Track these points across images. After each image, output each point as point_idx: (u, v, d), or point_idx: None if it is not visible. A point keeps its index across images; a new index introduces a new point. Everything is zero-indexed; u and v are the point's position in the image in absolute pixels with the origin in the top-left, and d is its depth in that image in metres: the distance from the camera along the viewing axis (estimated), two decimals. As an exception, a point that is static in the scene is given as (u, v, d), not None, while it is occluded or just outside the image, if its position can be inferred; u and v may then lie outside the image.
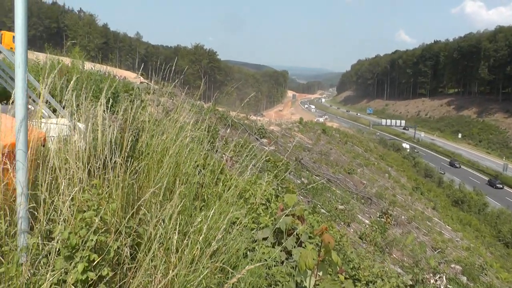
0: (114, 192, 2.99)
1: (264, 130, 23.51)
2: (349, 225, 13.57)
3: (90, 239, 2.42)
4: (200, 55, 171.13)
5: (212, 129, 5.11)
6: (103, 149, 3.17)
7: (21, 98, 2.68)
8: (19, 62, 2.66)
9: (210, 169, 4.37)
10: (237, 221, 3.58)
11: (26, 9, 2.65)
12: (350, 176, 27.79)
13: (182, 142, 3.78)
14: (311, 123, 55.24)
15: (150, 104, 4.79)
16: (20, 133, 2.67)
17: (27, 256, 2.48)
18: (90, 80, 9.55)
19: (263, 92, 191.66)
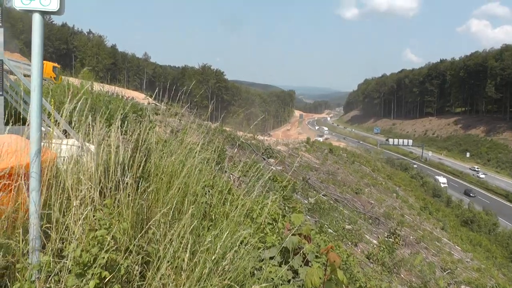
0: (125, 212, 3.06)
1: (271, 150, 23.58)
2: (357, 245, 13.50)
3: (102, 256, 2.48)
4: (208, 75, 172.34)
5: (219, 149, 5.19)
6: (115, 169, 3.26)
7: (35, 121, 2.78)
8: (34, 86, 2.78)
9: (218, 189, 4.43)
10: (244, 240, 3.62)
11: (43, 38, 2.79)
12: (358, 196, 27.70)
13: (191, 163, 3.86)
14: (318, 143, 55.23)
15: (158, 124, 4.89)
16: (34, 156, 2.77)
17: (40, 273, 2.55)
18: (99, 101, 9.72)
19: (270, 112, 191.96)
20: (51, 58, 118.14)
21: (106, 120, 3.91)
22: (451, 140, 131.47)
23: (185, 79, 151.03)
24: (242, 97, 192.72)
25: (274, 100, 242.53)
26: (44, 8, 2.75)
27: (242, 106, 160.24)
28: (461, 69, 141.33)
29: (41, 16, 2.79)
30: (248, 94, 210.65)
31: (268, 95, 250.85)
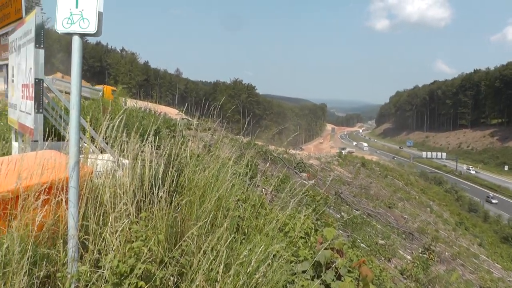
0: (159, 224, 3.13)
1: (304, 164, 23.46)
2: (390, 260, 13.21)
3: (138, 267, 2.55)
4: (239, 90, 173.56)
5: (252, 163, 5.24)
6: (149, 183, 3.35)
7: (74, 138, 2.91)
8: (73, 104, 2.91)
9: (251, 203, 4.46)
10: (277, 254, 3.63)
11: (81, 58, 2.95)
12: (391, 210, 27.15)
13: (223, 177, 3.92)
14: (350, 157, 54.60)
15: (191, 139, 4.98)
16: (72, 170, 2.88)
17: (78, 282, 2.65)
18: (133, 117, 9.98)
19: (302, 126, 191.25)
20: (85, 76, 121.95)
21: (139, 136, 4.03)
22: (487, 152, 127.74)
23: (216, 94, 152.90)
24: (274, 111, 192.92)
25: (306, 113, 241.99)
26: (83, 31, 2.92)
27: (274, 120, 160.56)
28: (497, 79, 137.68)
29: (80, 39, 2.97)
30: (280, 108, 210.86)
31: (300, 108, 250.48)
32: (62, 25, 2.93)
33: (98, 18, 2.92)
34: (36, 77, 4.97)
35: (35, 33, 4.92)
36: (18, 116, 5.86)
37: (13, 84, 6.48)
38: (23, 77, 5.58)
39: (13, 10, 6.35)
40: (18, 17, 6.06)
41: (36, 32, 4.92)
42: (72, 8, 2.93)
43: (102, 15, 2.95)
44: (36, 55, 4.95)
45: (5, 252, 2.63)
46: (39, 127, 4.98)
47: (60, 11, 2.94)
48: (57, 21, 2.94)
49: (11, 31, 6.61)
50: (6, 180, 3.20)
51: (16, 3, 6.18)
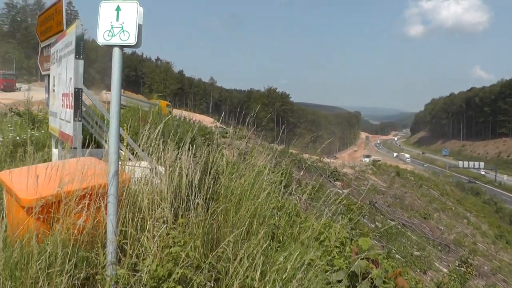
0: (196, 231, 3.18)
1: (338, 173, 23.25)
2: (426, 273, 12.87)
3: (176, 272, 2.60)
4: (273, 98, 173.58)
5: (286, 172, 5.25)
6: (185, 191, 3.41)
7: (113, 146, 3.00)
8: (113, 114, 3.00)
9: (286, 211, 4.47)
10: (312, 263, 3.61)
11: (122, 69, 3.05)
12: (426, 221, 26.47)
13: (259, 185, 3.94)
14: (385, 165, 53.63)
15: (225, 147, 5.04)
16: (112, 177, 2.97)
17: (116, 285, 2.72)
18: (168, 125, 10.13)
19: (336, 134, 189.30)
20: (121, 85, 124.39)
21: (175, 143, 4.10)
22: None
23: (250, 102, 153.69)
24: (308, 119, 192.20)
25: (340, 121, 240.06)
26: (123, 43, 3.01)
27: (308, 129, 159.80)
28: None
29: (120, 50, 3.06)
30: (314, 116, 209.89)
31: (334, 116, 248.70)
32: (103, 37, 3.03)
33: (138, 30, 3.00)
34: (76, 87, 5.13)
35: (75, 44, 5.09)
36: (59, 124, 6.04)
37: (54, 93, 6.70)
38: (64, 86, 5.76)
39: (55, 23, 6.60)
40: (60, 30, 6.29)
41: (76, 44, 5.09)
42: (113, 21, 3.03)
43: (141, 27, 3.03)
44: (76, 66, 5.10)
45: (48, 254, 2.72)
46: (78, 134, 5.13)
47: (102, 24, 3.05)
48: (98, 33, 3.04)
49: (53, 43, 6.87)
50: (49, 185, 3.32)
51: (58, 16, 6.43)
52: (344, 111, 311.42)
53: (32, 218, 3.14)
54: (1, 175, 3.86)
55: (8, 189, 3.60)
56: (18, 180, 3.58)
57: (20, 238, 2.96)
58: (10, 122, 11.33)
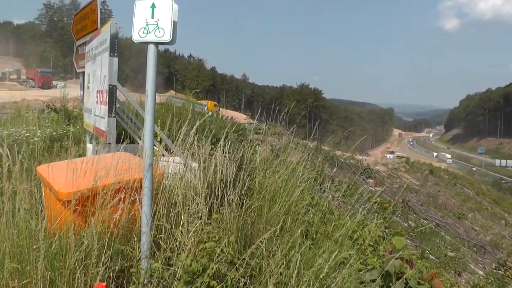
0: (230, 226, 3.19)
1: (370, 170, 22.92)
2: (460, 275, 12.50)
3: (211, 267, 2.61)
4: (306, 94, 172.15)
5: (319, 169, 5.21)
6: (220, 186, 3.42)
7: (148, 141, 3.03)
8: (148, 109, 3.04)
9: (319, 208, 4.43)
10: (345, 261, 3.57)
11: (156, 66, 3.09)
12: (460, 221, 25.75)
13: (294, 182, 3.92)
14: (418, 163, 52.52)
15: (258, 143, 5.03)
16: (146, 171, 3.00)
17: (151, 278, 2.75)
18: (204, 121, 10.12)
19: (368, 131, 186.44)
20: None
21: (207, 139, 4.11)
22: None
23: (283, 98, 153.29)
24: (340, 116, 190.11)
25: (373, 118, 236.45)
26: (158, 40, 3.04)
27: (340, 125, 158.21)
28: None
29: (155, 47, 3.09)
30: (346, 112, 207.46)
31: (367, 113, 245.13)
32: (138, 34, 3.07)
33: (173, 27, 3.02)
34: (110, 84, 5.21)
35: (110, 42, 5.16)
36: (94, 120, 6.17)
37: (89, 90, 6.84)
38: (98, 83, 5.87)
39: (90, 22, 6.74)
40: (94, 28, 6.41)
41: (111, 42, 5.16)
42: (148, 18, 3.06)
43: (176, 24, 3.06)
44: (111, 63, 5.19)
45: (85, 246, 2.80)
46: (112, 130, 5.21)
47: (137, 21, 3.08)
48: (133, 31, 3.08)
49: (88, 41, 7.01)
50: (85, 179, 3.39)
51: (93, 15, 6.56)
52: (377, 107, 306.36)
53: (69, 211, 3.22)
54: (39, 169, 3.96)
55: (46, 182, 3.69)
56: (55, 174, 3.67)
57: (58, 230, 3.03)
58: (47, 118, 11.67)
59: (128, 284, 2.87)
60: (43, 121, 10.71)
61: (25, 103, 15.35)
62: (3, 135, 7.18)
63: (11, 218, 3.00)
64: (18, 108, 13.39)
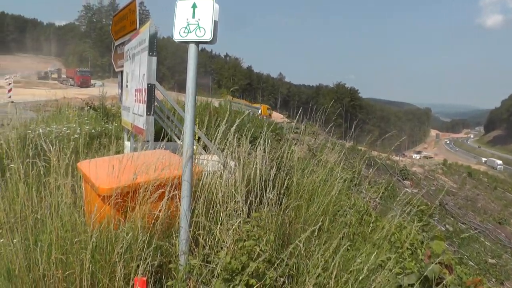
0: (268, 225, 3.19)
1: (407, 171, 22.46)
2: (503, 283, 12.05)
3: (250, 265, 2.61)
4: (342, 93, 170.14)
5: (356, 169, 5.14)
6: (258, 185, 3.42)
7: (188, 138, 3.07)
8: (188, 108, 3.07)
9: (357, 209, 4.37)
10: (382, 264, 3.50)
11: (197, 65, 3.12)
12: (501, 226, 24.87)
13: (331, 182, 3.88)
14: (456, 165, 51.12)
15: (295, 143, 5.01)
16: (186, 168, 3.03)
17: (190, 274, 2.78)
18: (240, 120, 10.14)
19: (405, 131, 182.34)
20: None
21: (243, 137, 4.12)
22: None
23: (319, 97, 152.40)
24: (377, 116, 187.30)
25: (410, 118, 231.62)
26: (199, 39, 3.08)
27: (377, 125, 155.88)
28: None
29: (196, 46, 3.13)
30: (382, 112, 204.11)
31: (404, 113, 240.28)
32: (179, 34, 3.11)
33: (214, 26, 3.05)
34: (149, 82, 5.29)
35: (149, 42, 5.24)
36: (132, 118, 6.27)
37: (127, 89, 6.97)
38: (137, 82, 5.97)
39: (129, 23, 6.86)
40: (133, 29, 6.52)
41: (150, 41, 5.24)
42: (189, 18, 3.10)
43: (217, 23, 3.08)
44: (149, 62, 5.26)
45: (126, 240, 2.86)
46: (150, 128, 5.29)
47: (178, 21, 3.13)
48: (174, 30, 3.12)
49: (126, 41, 7.14)
50: (124, 175, 3.46)
51: (131, 16, 6.67)
52: (413, 107, 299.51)
53: (109, 206, 3.29)
54: (79, 165, 4.07)
55: (86, 178, 3.78)
56: (95, 170, 3.76)
57: (98, 224, 3.11)
58: (86, 116, 12.00)
59: (166, 279, 2.91)
60: (82, 118, 11.03)
61: (65, 101, 15.81)
62: (45, 132, 7.40)
63: (54, 211, 3.10)
64: (59, 106, 13.83)
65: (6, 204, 3.31)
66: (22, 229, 3.21)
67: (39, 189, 3.60)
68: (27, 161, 3.89)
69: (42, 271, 2.91)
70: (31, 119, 10.75)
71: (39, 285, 2.93)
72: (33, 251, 3.03)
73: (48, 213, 3.18)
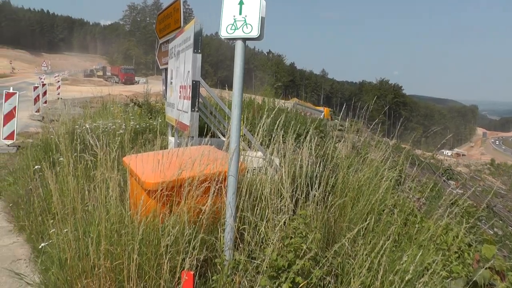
0: (314, 223, 3.16)
1: (452, 171, 21.71)
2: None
3: (297, 263, 2.60)
4: (385, 90, 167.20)
5: (400, 168, 5.03)
6: (304, 182, 3.40)
7: (235, 134, 3.09)
8: (235, 104, 3.09)
9: (402, 209, 4.27)
10: (428, 266, 3.40)
11: (244, 61, 3.14)
12: (558, 232, 23.62)
13: (377, 181, 3.82)
14: (505, 165, 49.06)
15: (341, 140, 4.96)
16: (232, 161, 3.06)
17: (235, 270, 2.81)
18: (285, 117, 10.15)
19: (450, 129, 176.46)
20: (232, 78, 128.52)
21: (291, 134, 4.11)
22: None
23: (362, 94, 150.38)
24: (421, 113, 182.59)
25: (455, 116, 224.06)
26: (246, 35, 3.08)
27: (420, 123, 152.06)
28: None
29: (243, 43, 3.14)
30: (426, 109, 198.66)
31: (448, 110, 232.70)
32: (226, 31, 3.13)
33: (261, 23, 3.04)
34: (194, 79, 5.35)
35: (194, 39, 5.30)
36: (176, 114, 6.37)
37: (172, 86, 7.09)
38: (181, 79, 6.05)
39: (173, 21, 6.96)
40: (177, 27, 6.62)
41: (195, 39, 5.30)
42: (236, 14, 3.11)
43: (264, 20, 3.07)
44: (194, 59, 5.32)
45: (173, 234, 2.91)
46: (194, 124, 5.35)
47: (225, 18, 3.14)
48: (221, 27, 3.14)
49: (171, 39, 7.27)
50: (169, 170, 3.52)
51: (176, 14, 6.77)
52: (459, 104, 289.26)
53: (154, 200, 3.36)
54: (126, 159, 4.17)
55: (132, 172, 3.87)
56: (141, 165, 3.85)
57: (143, 217, 3.17)
58: (131, 112, 12.32)
59: (211, 273, 2.94)
60: (127, 114, 11.33)
61: (110, 97, 16.28)
62: (92, 127, 7.64)
63: (102, 204, 3.20)
64: (104, 102, 14.27)
65: (57, 196, 3.43)
66: (72, 220, 3.33)
67: (86, 182, 3.73)
68: (75, 155, 4.04)
69: (91, 261, 3.01)
70: (78, 115, 11.15)
71: (89, 275, 3.03)
72: (82, 241, 3.14)
73: (95, 205, 3.28)
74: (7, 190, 6.55)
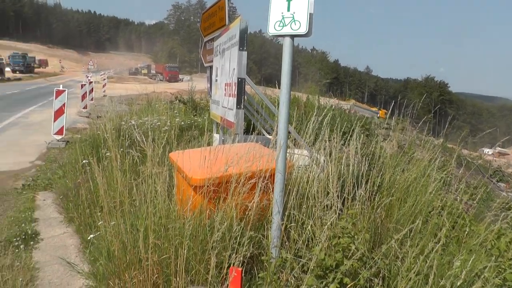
0: (361, 223, 3.12)
1: (502, 173, 20.80)
2: None
3: (345, 263, 2.57)
4: (431, 87, 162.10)
5: (448, 168, 4.89)
6: (351, 182, 3.36)
7: (283, 131, 3.08)
8: (283, 101, 3.08)
9: (451, 212, 4.14)
10: (479, 273, 3.28)
11: (292, 58, 3.13)
12: None
13: (425, 182, 3.72)
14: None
15: (386, 139, 4.88)
16: (279, 158, 3.06)
17: (282, 268, 2.81)
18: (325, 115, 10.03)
19: (500, 128, 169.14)
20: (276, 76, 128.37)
21: (338, 132, 4.07)
22: None
23: (407, 91, 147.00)
24: (467, 111, 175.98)
25: (505, 114, 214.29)
26: (294, 32, 3.06)
27: (467, 121, 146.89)
28: None
29: (291, 40, 3.12)
30: (474, 107, 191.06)
31: (498, 109, 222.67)
32: (274, 28, 3.13)
33: (309, 19, 3.02)
34: (239, 77, 5.37)
35: (239, 37, 5.32)
36: (221, 112, 6.44)
37: (217, 83, 7.16)
38: (226, 76, 6.10)
39: (218, 19, 7.04)
40: (222, 25, 6.69)
41: (240, 37, 5.32)
42: (284, 11, 3.10)
43: (312, 16, 3.05)
44: (240, 57, 5.34)
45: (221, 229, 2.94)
46: (240, 121, 5.38)
47: (273, 15, 3.14)
48: (269, 24, 3.14)
49: (216, 37, 7.34)
50: (215, 166, 3.56)
51: (221, 12, 6.84)
52: (510, 102, 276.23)
53: (200, 195, 3.40)
54: (172, 155, 4.24)
55: (178, 168, 3.94)
56: (187, 161, 3.90)
57: (190, 213, 3.23)
58: (175, 109, 12.55)
59: (257, 271, 2.95)
60: (171, 111, 11.55)
61: (154, 95, 16.63)
62: (138, 124, 7.84)
63: (149, 198, 3.27)
64: (149, 99, 14.60)
65: (104, 189, 3.54)
66: (119, 213, 3.43)
67: (133, 176, 3.83)
68: (122, 150, 4.15)
69: (138, 254, 3.09)
70: (124, 111, 11.48)
71: (136, 267, 3.11)
72: (130, 234, 3.23)
73: (142, 199, 3.36)
74: (58, 183, 6.83)
